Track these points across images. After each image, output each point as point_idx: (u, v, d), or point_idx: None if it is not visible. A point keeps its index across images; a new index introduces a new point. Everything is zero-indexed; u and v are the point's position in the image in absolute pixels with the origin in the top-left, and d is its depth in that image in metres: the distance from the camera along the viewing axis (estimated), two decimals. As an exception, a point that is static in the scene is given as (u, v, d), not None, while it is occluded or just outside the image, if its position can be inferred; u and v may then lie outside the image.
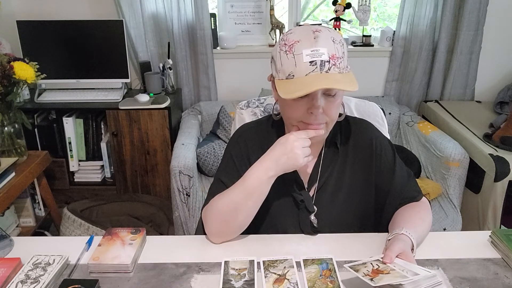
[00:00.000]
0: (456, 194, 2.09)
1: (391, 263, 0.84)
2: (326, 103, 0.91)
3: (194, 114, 2.53)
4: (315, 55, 0.87)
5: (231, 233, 1.00)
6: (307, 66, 0.87)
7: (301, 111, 0.92)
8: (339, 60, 0.88)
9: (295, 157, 0.92)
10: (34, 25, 2.35)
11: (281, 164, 0.93)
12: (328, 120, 0.94)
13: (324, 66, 0.87)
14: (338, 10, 2.53)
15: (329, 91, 0.90)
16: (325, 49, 0.87)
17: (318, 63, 0.86)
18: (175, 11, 2.45)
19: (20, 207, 1.98)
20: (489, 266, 0.92)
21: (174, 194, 2.02)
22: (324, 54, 0.87)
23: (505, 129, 2.06)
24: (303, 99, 0.91)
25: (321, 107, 0.90)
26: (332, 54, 0.87)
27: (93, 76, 2.45)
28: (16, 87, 1.73)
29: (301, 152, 0.92)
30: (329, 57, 0.87)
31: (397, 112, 2.56)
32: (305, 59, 0.87)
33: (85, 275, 0.90)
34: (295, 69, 0.88)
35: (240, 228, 1.00)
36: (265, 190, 0.96)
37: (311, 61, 0.86)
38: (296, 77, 0.88)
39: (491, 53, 2.62)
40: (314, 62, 0.86)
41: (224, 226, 0.99)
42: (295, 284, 0.86)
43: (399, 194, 1.05)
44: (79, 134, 2.40)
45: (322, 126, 0.94)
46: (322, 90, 0.89)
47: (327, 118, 0.93)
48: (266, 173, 0.94)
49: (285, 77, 0.90)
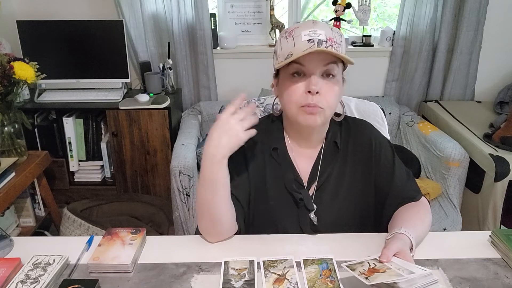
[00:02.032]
0: (456, 194, 2.09)
1: (388, 262, 0.84)
2: (325, 86, 0.93)
3: (194, 114, 2.53)
4: (313, 35, 0.90)
5: (219, 229, 0.98)
6: (305, 43, 0.90)
7: (299, 93, 0.93)
8: (336, 44, 0.91)
9: (235, 133, 0.90)
10: (34, 25, 2.35)
11: (224, 146, 0.90)
12: (326, 105, 0.94)
13: (321, 44, 0.89)
14: (338, 10, 2.53)
15: (327, 69, 0.92)
16: (322, 31, 0.91)
17: (316, 41, 0.89)
18: (175, 11, 2.45)
19: (20, 207, 1.98)
20: (489, 266, 0.92)
21: (174, 194, 2.02)
22: (321, 34, 0.90)
23: (505, 129, 2.06)
24: (301, 79, 0.93)
25: (318, 86, 0.91)
26: (330, 37, 0.91)
27: (93, 76, 2.45)
28: (16, 87, 1.73)
29: (239, 127, 0.90)
30: (326, 38, 0.90)
31: (397, 112, 2.56)
32: (303, 38, 0.90)
33: (85, 275, 0.90)
34: (294, 49, 0.91)
35: (226, 223, 0.97)
36: (222, 177, 0.93)
37: (309, 39, 0.89)
38: (294, 54, 0.90)
39: (491, 53, 2.62)
40: (311, 40, 0.89)
41: (210, 223, 0.97)
42: (295, 284, 0.86)
43: (398, 194, 1.05)
44: (79, 134, 2.40)
45: (318, 110, 0.93)
46: (320, 70, 0.92)
47: (326, 103, 0.93)
48: (212, 160, 0.91)
49: (284, 58, 0.93)
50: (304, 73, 0.93)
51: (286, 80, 0.96)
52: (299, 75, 0.93)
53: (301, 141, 1.06)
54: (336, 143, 1.06)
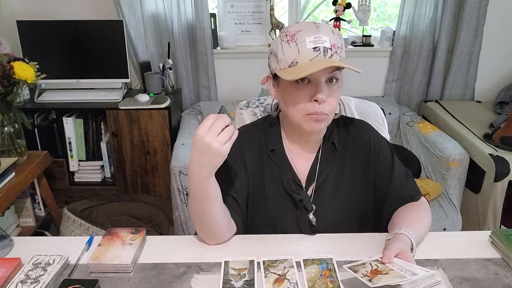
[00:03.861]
0: (456, 194, 2.09)
1: (390, 263, 0.84)
2: (329, 92, 0.92)
3: (194, 114, 2.53)
4: (318, 42, 0.88)
5: (214, 236, 0.98)
6: (310, 52, 0.88)
7: (305, 101, 0.92)
8: (339, 49, 0.91)
9: (214, 152, 0.84)
10: (34, 25, 2.35)
11: (207, 165, 0.86)
12: (330, 111, 0.93)
13: (327, 52, 0.88)
14: (338, 10, 2.53)
15: (332, 75, 0.91)
16: (327, 37, 0.89)
17: (322, 49, 0.88)
18: (175, 11, 2.45)
19: (20, 207, 1.98)
20: (489, 266, 0.92)
21: (174, 194, 2.02)
22: (326, 41, 0.89)
23: (505, 129, 2.06)
24: (306, 87, 0.91)
25: (326, 94, 0.90)
26: (333, 43, 0.90)
27: (93, 76, 2.45)
28: (16, 87, 1.73)
29: (216, 144, 0.83)
30: (331, 45, 0.89)
31: (397, 112, 2.56)
32: (308, 46, 0.88)
33: (85, 275, 0.90)
34: (299, 56, 0.89)
35: (220, 230, 0.97)
36: (211, 191, 0.91)
37: (315, 47, 0.88)
38: (300, 63, 0.89)
39: (491, 53, 2.62)
40: (317, 48, 0.88)
41: (204, 230, 0.98)
42: (295, 284, 0.86)
43: (398, 194, 1.05)
44: (79, 134, 2.40)
45: (324, 116, 0.93)
46: (325, 77, 0.90)
47: (329, 108, 0.93)
48: (198, 178, 0.88)
49: (288, 65, 0.91)
50: (309, 80, 0.91)
51: (289, 86, 0.93)
52: (303, 81, 0.91)
53: (300, 142, 1.06)
54: (334, 143, 1.06)
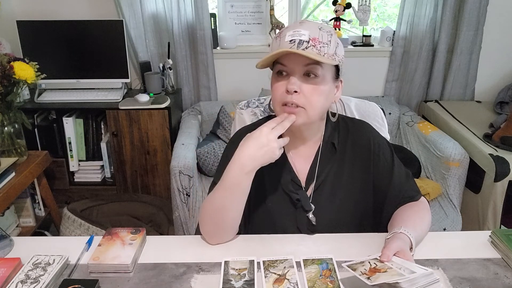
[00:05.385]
0: (456, 194, 2.09)
1: (389, 262, 0.84)
2: (307, 86, 0.93)
3: (194, 114, 2.53)
4: (295, 35, 0.91)
5: (223, 234, 1.00)
6: (286, 44, 0.91)
7: (280, 91, 0.95)
8: (320, 43, 0.91)
9: (271, 150, 0.91)
10: (34, 25, 2.35)
11: (258, 159, 0.91)
12: (307, 105, 0.94)
13: (301, 44, 0.90)
14: (338, 10, 2.53)
15: (308, 69, 0.92)
16: (306, 32, 0.91)
17: (296, 41, 0.90)
18: (175, 11, 2.45)
19: (20, 207, 1.98)
20: (489, 266, 0.92)
21: (174, 194, 2.02)
22: (304, 35, 0.91)
23: (505, 129, 2.06)
24: (284, 79, 0.95)
25: (296, 86, 0.92)
26: (314, 37, 0.91)
27: (93, 76, 2.45)
28: (16, 87, 1.73)
29: (277, 145, 0.91)
30: (309, 38, 0.91)
31: (397, 112, 2.56)
32: (286, 39, 0.92)
33: (85, 275, 0.90)
34: (278, 49, 0.92)
35: (231, 228, 1.00)
36: (246, 186, 0.95)
37: (291, 40, 0.91)
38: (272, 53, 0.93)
39: (491, 53, 2.62)
40: (293, 40, 0.91)
41: (215, 227, 0.98)
42: (295, 284, 0.86)
43: (397, 194, 1.05)
44: (79, 134, 2.40)
45: (298, 110, 0.94)
46: (301, 70, 0.93)
47: (306, 102, 0.93)
48: (242, 169, 0.92)
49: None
50: (287, 72, 0.95)
51: (273, 79, 0.98)
52: (282, 74, 0.95)
53: (295, 140, 1.05)
54: (333, 143, 1.06)
